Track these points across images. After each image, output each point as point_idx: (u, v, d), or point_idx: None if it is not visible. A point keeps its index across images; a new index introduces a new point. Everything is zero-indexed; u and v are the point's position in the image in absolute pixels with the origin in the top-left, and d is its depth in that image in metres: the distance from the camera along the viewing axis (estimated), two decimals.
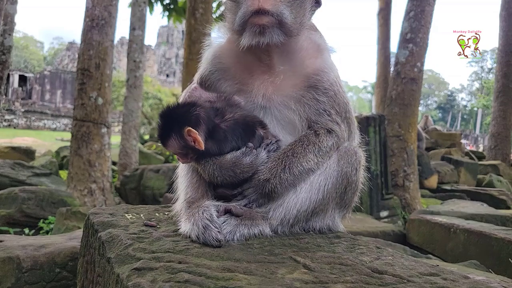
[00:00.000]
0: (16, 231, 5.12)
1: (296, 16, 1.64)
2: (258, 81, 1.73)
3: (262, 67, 1.74)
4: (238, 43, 1.65)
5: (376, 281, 1.22)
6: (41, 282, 2.39)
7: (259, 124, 1.70)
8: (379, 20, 15.46)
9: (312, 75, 1.71)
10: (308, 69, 1.72)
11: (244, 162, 1.62)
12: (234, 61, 1.79)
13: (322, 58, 1.76)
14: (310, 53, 1.75)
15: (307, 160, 1.62)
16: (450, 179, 10.58)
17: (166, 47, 76.69)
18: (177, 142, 1.59)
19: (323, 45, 1.80)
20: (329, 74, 1.72)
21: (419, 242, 5.15)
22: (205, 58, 1.87)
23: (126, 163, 10.77)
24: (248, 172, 1.62)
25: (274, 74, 1.72)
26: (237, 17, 1.63)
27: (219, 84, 1.81)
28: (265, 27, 1.57)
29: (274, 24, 1.58)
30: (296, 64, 1.73)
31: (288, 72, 1.72)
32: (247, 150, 1.64)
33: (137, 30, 11.34)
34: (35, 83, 52.88)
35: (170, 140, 1.60)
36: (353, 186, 1.74)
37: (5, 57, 6.16)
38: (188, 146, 1.59)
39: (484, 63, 78.91)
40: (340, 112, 1.73)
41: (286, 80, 1.71)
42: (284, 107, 1.71)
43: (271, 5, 1.55)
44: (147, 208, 2.05)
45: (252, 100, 1.73)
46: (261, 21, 1.57)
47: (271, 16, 1.56)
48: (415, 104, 8.34)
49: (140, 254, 1.31)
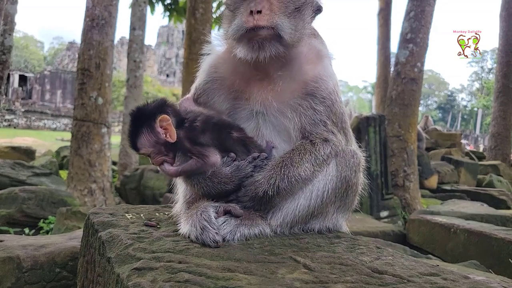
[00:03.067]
0: (16, 231, 5.11)
1: (296, 26, 1.60)
2: (256, 88, 1.72)
3: (259, 75, 1.72)
4: (235, 52, 1.63)
5: (376, 281, 1.22)
6: (41, 282, 2.39)
7: (234, 128, 1.66)
8: (379, 20, 15.46)
9: (310, 82, 1.68)
10: (306, 75, 1.70)
11: (223, 172, 1.58)
12: (231, 70, 1.77)
13: (322, 65, 1.73)
14: (309, 59, 1.73)
15: (305, 169, 1.59)
16: (450, 179, 10.58)
17: (166, 47, 76.69)
18: (148, 138, 1.57)
19: (323, 52, 1.78)
20: (328, 82, 1.70)
21: (419, 242, 5.15)
22: (202, 68, 1.86)
23: (126, 163, 10.78)
24: (227, 183, 1.58)
25: (272, 81, 1.70)
26: (231, 29, 1.60)
27: (216, 93, 1.79)
28: (263, 41, 1.54)
29: (273, 37, 1.55)
30: (295, 70, 1.70)
31: (287, 78, 1.69)
32: (228, 160, 1.61)
33: (137, 30, 11.35)
34: (35, 83, 52.89)
35: (141, 138, 1.58)
36: (354, 189, 1.74)
37: (5, 57, 6.17)
38: (160, 142, 1.58)
39: (484, 63, 78.96)
40: (336, 122, 1.72)
41: (285, 87, 1.69)
42: (281, 114, 1.68)
43: (267, 21, 1.52)
44: (147, 208, 2.05)
45: (250, 107, 1.72)
46: (258, 36, 1.54)
47: (268, 30, 1.53)
48: (415, 104, 8.34)
49: (140, 254, 1.31)
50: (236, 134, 1.65)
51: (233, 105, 1.76)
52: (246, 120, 1.73)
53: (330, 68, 1.76)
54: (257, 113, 1.71)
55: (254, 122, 1.72)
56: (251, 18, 1.52)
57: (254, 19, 1.51)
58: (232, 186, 1.59)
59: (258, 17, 1.51)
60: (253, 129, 1.71)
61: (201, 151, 1.57)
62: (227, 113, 1.77)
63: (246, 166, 1.60)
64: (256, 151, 1.66)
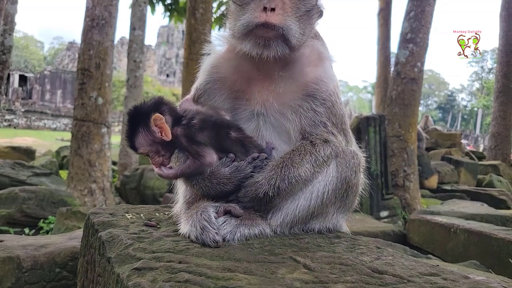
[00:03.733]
0: (16, 231, 5.12)
1: (303, 30, 1.61)
2: (256, 88, 1.71)
3: (261, 75, 1.72)
4: (238, 50, 1.63)
5: (376, 281, 1.22)
6: (41, 282, 2.39)
7: (233, 128, 1.66)
8: (379, 20, 15.46)
9: (311, 84, 1.68)
10: (307, 77, 1.70)
11: (222, 172, 1.58)
12: (232, 70, 1.77)
13: (323, 67, 1.74)
14: (311, 61, 1.73)
15: (305, 170, 1.59)
16: (450, 179, 10.59)
17: (166, 47, 76.71)
18: (145, 137, 1.58)
19: (325, 54, 1.78)
20: (328, 84, 1.70)
21: (419, 242, 5.15)
22: (202, 68, 1.85)
23: (126, 163, 10.78)
24: (226, 184, 1.58)
25: (274, 81, 1.70)
26: (239, 23, 1.57)
27: (217, 93, 1.78)
28: (271, 40, 1.54)
29: (279, 38, 1.54)
30: (296, 71, 1.70)
31: (288, 79, 1.70)
32: (227, 160, 1.61)
33: (137, 30, 11.35)
34: (35, 83, 52.89)
35: (138, 137, 1.58)
36: (354, 189, 1.74)
37: (5, 57, 6.17)
38: (156, 140, 1.58)
39: (484, 63, 78.92)
40: (336, 123, 1.72)
41: (286, 88, 1.69)
42: (281, 115, 1.68)
43: (279, 20, 1.51)
44: (147, 208, 2.04)
45: (250, 108, 1.72)
46: (267, 34, 1.53)
47: (277, 30, 1.52)
48: (415, 104, 8.34)
49: (140, 254, 1.31)
50: (234, 134, 1.65)
51: (234, 106, 1.76)
52: (246, 121, 1.73)
53: (331, 70, 1.77)
54: (258, 114, 1.70)
55: (255, 123, 1.71)
56: (264, 14, 1.51)
57: (267, 15, 1.50)
58: (231, 187, 1.59)
59: (271, 14, 1.50)
60: (254, 130, 1.71)
61: (197, 151, 1.57)
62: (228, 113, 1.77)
63: (246, 167, 1.59)
64: (256, 151, 1.65)
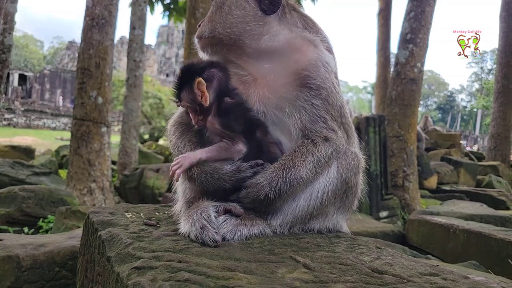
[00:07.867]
0: (15, 230, 5.11)
1: (231, 26, 1.75)
2: (250, 87, 1.71)
3: (249, 74, 1.73)
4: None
5: (376, 281, 1.22)
6: (41, 281, 2.39)
7: (262, 128, 1.65)
8: (379, 21, 15.47)
9: (301, 71, 1.67)
10: (297, 64, 1.69)
11: (224, 169, 1.59)
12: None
13: (313, 52, 1.72)
14: (297, 48, 1.72)
15: (307, 172, 1.58)
16: (450, 179, 10.60)
17: (166, 47, 76.72)
18: (187, 95, 1.63)
19: (314, 40, 1.76)
20: (319, 68, 1.68)
21: (419, 243, 5.15)
22: None
23: (125, 162, 10.78)
24: (225, 181, 1.58)
25: (263, 75, 1.70)
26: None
27: None
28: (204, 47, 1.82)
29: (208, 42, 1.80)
30: (284, 60, 1.70)
31: (276, 69, 1.69)
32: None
33: (137, 29, 11.34)
34: (35, 82, 52.88)
35: (182, 91, 1.64)
36: (354, 190, 1.74)
37: (5, 56, 6.15)
38: (196, 101, 1.61)
39: (484, 64, 78.98)
40: (335, 116, 1.70)
41: (277, 78, 1.68)
42: (280, 111, 1.67)
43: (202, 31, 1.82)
44: (147, 207, 2.04)
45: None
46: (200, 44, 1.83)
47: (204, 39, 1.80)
48: (415, 104, 8.34)
49: (140, 253, 1.31)
50: (258, 134, 1.64)
51: None
52: None
53: (323, 55, 1.74)
54: (258, 113, 1.70)
55: None
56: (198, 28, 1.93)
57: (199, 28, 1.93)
58: (229, 185, 1.59)
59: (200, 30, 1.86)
60: None
61: (233, 134, 1.60)
62: None
63: (246, 169, 1.59)
64: (265, 159, 1.63)
